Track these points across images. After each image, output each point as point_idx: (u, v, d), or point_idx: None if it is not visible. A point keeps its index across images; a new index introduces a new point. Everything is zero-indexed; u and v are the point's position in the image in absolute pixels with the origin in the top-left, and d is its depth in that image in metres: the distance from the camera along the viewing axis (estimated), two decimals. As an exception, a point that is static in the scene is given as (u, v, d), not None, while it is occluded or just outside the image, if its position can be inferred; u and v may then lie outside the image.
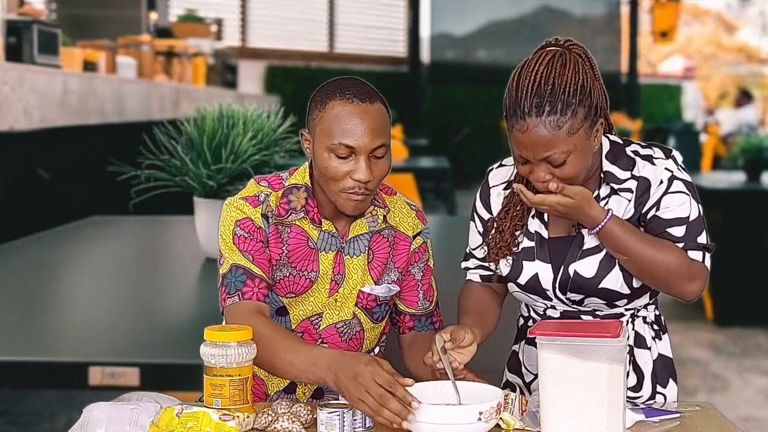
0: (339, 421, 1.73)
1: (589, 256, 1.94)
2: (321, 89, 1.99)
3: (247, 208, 2.01)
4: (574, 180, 1.87)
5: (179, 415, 1.71)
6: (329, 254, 2.03)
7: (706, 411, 1.92)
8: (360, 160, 1.93)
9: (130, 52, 6.73)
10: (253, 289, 1.96)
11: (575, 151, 1.83)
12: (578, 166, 1.85)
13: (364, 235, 2.05)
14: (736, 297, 6.59)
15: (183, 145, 3.32)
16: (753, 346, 6.12)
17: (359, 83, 1.98)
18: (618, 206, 1.93)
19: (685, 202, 1.92)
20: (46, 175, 5.04)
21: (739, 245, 6.47)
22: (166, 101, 6.84)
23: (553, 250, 1.98)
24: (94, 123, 5.43)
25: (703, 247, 1.94)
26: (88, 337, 2.64)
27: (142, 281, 3.41)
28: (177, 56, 7.48)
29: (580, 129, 1.82)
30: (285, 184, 2.04)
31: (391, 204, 2.11)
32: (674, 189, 1.92)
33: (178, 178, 3.31)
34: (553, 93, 1.81)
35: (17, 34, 4.66)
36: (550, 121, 1.80)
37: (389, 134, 1.98)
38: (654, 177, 1.93)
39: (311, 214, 2.02)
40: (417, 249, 2.12)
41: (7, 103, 4.22)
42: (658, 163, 1.94)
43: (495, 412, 1.70)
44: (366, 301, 2.06)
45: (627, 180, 1.94)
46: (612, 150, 1.96)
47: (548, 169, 1.85)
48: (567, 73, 1.83)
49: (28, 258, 3.73)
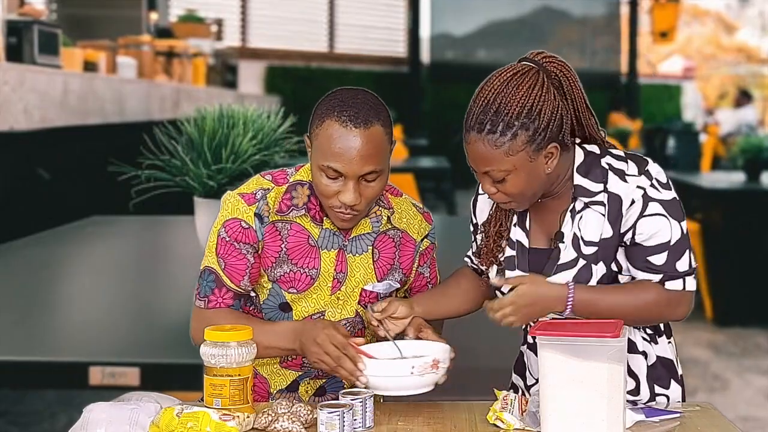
0: (339, 421, 1.73)
1: (563, 271, 1.94)
2: (326, 99, 1.96)
3: (241, 205, 2.01)
4: (518, 197, 1.89)
5: (179, 415, 1.71)
6: (331, 252, 2.03)
7: (706, 411, 1.92)
8: (349, 183, 1.91)
9: (130, 53, 6.73)
10: (219, 298, 2.01)
11: (515, 171, 1.85)
12: (520, 186, 1.87)
13: (368, 234, 2.06)
14: (735, 297, 6.59)
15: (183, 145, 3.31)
16: (753, 346, 6.12)
17: (361, 101, 1.93)
18: (595, 221, 1.91)
19: (663, 226, 1.89)
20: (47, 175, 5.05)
21: (738, 245, 6.47)
22: (167, 101, 6.84)
23: (533, 260, 1.99)
24: (94, 123, 5.43)
25: (684, 274, 1.91)
26: (89, 337, 2.64)
27: (142, 281, 3.42)
28: (177, 56, 7.49)
29: (521, 151, 1.83)
30: (290, 179, 2.04)
31: (396, 205, 2.10)
32: (650, 212, 1.89)
33: (179, 178, 3.31)
34: (497, 113, 1.83)
35: (18, 34, 4.66)
36: (488, 140, 1.83)
37: (386, 157, 1.94)
38: (625, 195, 1.90)
39: (312, 212, 2.02)
40: (425, 250, 2.12)
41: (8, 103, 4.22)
42: (630, 180, 1.90)
43: (430, 366, 1.84)
44: (368, 299, 2.06)
45: (599, 193, 1.91)
46: (585, 162, 1.94)
47: (492, 183, 1.88)
48: (517, 95, 1.83)
49: (29, 258, 3.74)
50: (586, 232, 1.92)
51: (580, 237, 1.92)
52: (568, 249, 1.93)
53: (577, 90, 1.91)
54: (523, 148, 1.83)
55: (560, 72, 1.89)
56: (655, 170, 1.92)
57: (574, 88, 1.90)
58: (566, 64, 1.91)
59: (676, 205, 1.91)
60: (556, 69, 1.89)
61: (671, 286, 1.90)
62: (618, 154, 1.95)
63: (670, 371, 2.05)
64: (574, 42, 16.15)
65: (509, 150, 1.83)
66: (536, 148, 1.84)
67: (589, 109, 1.94)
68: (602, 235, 1.91)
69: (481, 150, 1.84)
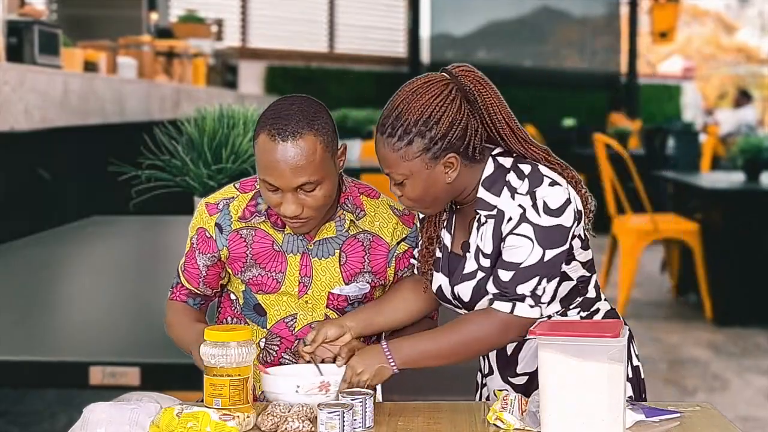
0: (339, 421, 1.73)
1: (465, 281, 1.96)
2: (264, 112, 1.97)
3: (204, 215, 2.07)
4: (418, 203, 1.93)
5: (179, 415, 1.71)
6: (296, 256, 2.05)
7: (706, 411, 1.92)
8: (286, 195, 1.93)
9: (130, 53, 6.73)
10: (176, 293, 2.16)
11: (411, 177, 1.89)
12: (417, 191, 1.90)
13: (333, 238, 2.06)
14: (735, 297, 6.59)
15: (183, 146, 3.32)
16: (752, 346, 6.12)
17: (295, 111, 1.91)
18: (491, 235, 1.93)
19: (523, 247, 1.88)
20: (47, 175, 5.05)
21: (738, 245, 6.47)
22: (167, 101, 6.84)
23: (451, 264, 2.01)
24: (94, 123, 5.43)
25: (518, 297, 1.89)
26: (89, 337, 2.65)
27: (143, 281, 3.42)
28: (177, 56, 7.49)
29: (416, 158, 1.87)
30: (256, 186, 2.06)
31: (370, 208, 2.08)
32: (519, 231, 1.89)
33: (179, 178, 3.31)
34: (398, 118, 1.87)
35: (18, 34, 4.66)
36: (388, 143, 1.89)
37: (324, 165, 1.91)
38: (508, 210, 1.91)
39: (273, 218, 2.04)
40: (402, 255, 2.11)
41: (8, 104, 4.22)
42: (517, 198, 1.90)
43: (317, 388, 1.88)
44: (337, 302, 2.07)
45: (494, 207, 1.93)
46: (492, 175, 1.94)
47: (395, 185, 1.92)
48: (419, 102, 1.87)
49: (29, 258, 3.74)
50: (484, 244, 1.94)
51: (481, 249, 1.94)
52: (471, 260, 1.96)
53: (494, 104, 1.92)
54: (418, 155, 1.87)
55: (474, 85, 1.91)
56: (544, 192, 1.89)
57: (489, 101, 1.91)
58: (484, 78, 1.93)
59: (550, 232, 1.88)
60: (470, 82, 1.91)
61: (498, 306, 1.90)
62: (522, 169, 1.93)
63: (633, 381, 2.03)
64: (573, 42, 16.14)
65: (405, 155, 1.87)
66: (432, 157, 1.88)
67: (511, 125, 1.93)
68: (494, 249, 1.93)
69: (382, 152, 1.90)
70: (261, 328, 2.09)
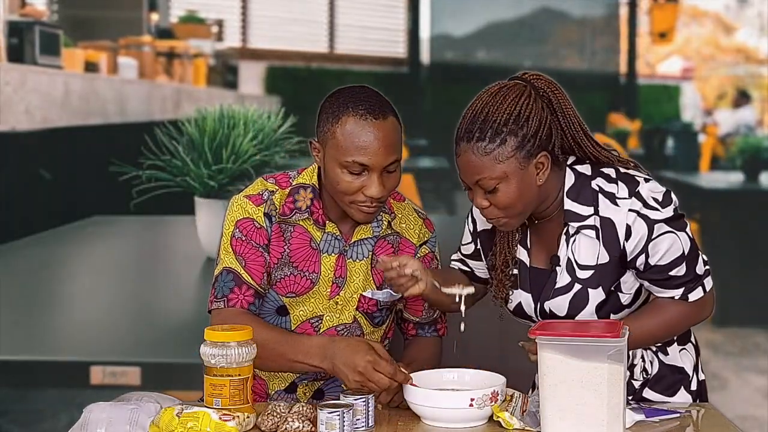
0: (339, 421, 1.73)
1: (560, 296, 1.94)
2: (332, 99, 1.96)
3: (249, 206, 2.01)
4: (510, 210, 1.87)
5: (179, 415, 1.72)
6: (331, 256, 2.03)
7: (706, 410, 1.93)
8: (373, 176, 1.92)
9: (131, 53, 6.74)
10: (239, 296, 1.98)
11: (506, 179, 1.83)
12: (511, 195, 1.84)
13: (368, 239, 2.05)
14: (734, 297, 6.59)
15: (184, 146, 3.33)
16: (751, 346, 6.13)
17: (372, 95, 1.95)
18: (588, 246, 1.90)
19: (674, 241, 1.87)
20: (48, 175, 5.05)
21: (737, 245, 6.47)
22: (167, 102, 6.85)
23: (534, 280, 1.98)
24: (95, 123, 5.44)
25: (703, 276, 1.92)
26: (90, 337, 2.65)
27: (143, 281, 3.42)
28: (178, 57, 7.50)
29: (510, 158, 1.83)
30: (292, 182, 2.04)
31: (398, 210, 2.10)
32: (657, 233, 1.86)
33: (179, 179, 3.32)
34: (485, 121, 1.83)
35: (19, 35, 4.67)
36: (477, 148, 1.83)
37: (401, 147, 1.96)
38: (618, 220, 1.87)
39: (315, 215, 2.02)
40: (422, 258, 2.10)
41: (9, 104, 4.23)
42: (622, 204, 1.87)
43: (489, 399, 1.77)
44: (367, 306, 2.06)
45: (589, 216, 1.89)
46: (575, 185, 1.91)
47: (484, 195, 1.86)
48: (505, 103, 1.85)
49: (30, 258, 3.74)
50: (580, 256, 1.91)
51: (575, 261, 1.91)
52: (563, 273, 1.93)
53: (568, 107, 1.91)
54: (513, 154, 1.83)
55: (548, 88, 1.90)
56: (646, 190, 1.88)
57: (563, 104, 1.90)
58: (554, 82, 1.92)
59: (677, 217, 1.89)
60: (543, 85, 1.90)
61: (693, 297, 1.91)
62: (608, 174, 1.91)
63: (682, 380, 2.05)
64: (573, 42, 16.13)
65: (498, 156, 1.83)
66: (526, 155, 1.84)
67: (583, 128, 1.92)
68: (598, 260, 1.90)
69: (472, 159, 1.84)
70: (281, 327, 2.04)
